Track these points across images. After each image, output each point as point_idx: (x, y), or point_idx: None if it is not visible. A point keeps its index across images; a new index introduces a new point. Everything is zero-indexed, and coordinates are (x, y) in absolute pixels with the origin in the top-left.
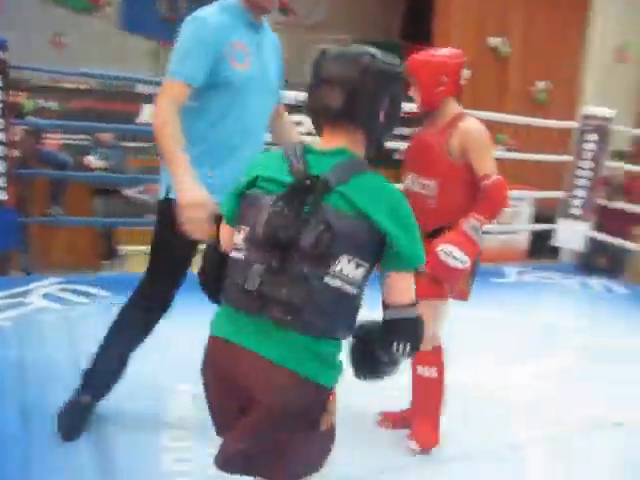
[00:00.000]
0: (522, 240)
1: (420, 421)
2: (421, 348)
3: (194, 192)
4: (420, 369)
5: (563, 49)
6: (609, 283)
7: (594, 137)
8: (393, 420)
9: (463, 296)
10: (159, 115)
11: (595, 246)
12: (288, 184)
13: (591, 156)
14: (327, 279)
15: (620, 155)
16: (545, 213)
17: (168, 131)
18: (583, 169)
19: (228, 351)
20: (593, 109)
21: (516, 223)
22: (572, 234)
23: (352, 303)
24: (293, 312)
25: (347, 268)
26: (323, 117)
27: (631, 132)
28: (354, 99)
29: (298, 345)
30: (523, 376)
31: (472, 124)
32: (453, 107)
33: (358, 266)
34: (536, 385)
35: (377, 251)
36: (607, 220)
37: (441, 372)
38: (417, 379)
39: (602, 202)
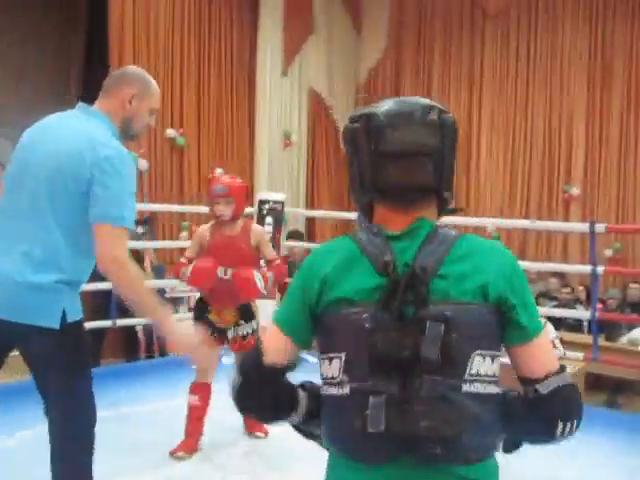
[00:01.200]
0: None
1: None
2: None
3: (191, 333)
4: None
5: (235, 138)
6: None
7: (270, 220)
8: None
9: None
10: (126, 269)
11: None
12: (381, 286)
13: (269, 238)
14: (465, 387)
15: (296, 235)
16: None
17: (142, 285)
18: None
19: None
20: (267, 194)
21: None
22: (262, 312)
23: (499, 402)
24: (442, 443)
25: (483, 366)
26: (402, 197)
27: (304, 213)
28: (441, 167)
29: None
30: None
31: (258, 226)
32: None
33: (493, 358)
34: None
35: (502, 329)
36: None
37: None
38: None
39: (286, 279)
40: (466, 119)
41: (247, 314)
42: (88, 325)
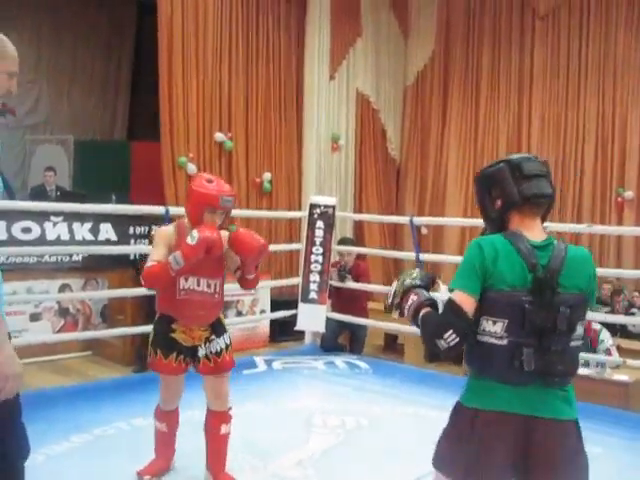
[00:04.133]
0: (263, 327)
1: (221, 470)
2: (222, 408)
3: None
4: (224, 428)
5: (283, 142)
6: (351, 360)
7: (321, 224)
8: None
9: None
10: None
11: (334, 326)
12: (531, 280)
13: (320, 242)
14: (572, 343)
15: (347, 242)
16: (278, 299)
17: None
18: (315, 255)
19: (518, 421)
20: (318, 198)
21: (257, 310)
22: (312, 317)
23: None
24: (563, 376)
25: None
26: (539, 203)
27: (353, 217)
28: (553, 187)
29: (569, 397)
30: (285, 467)
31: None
32: None
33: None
34: (297, 474)
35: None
36: (342, 300)
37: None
38: (221, 437)
39: (335, 284)
40: (516, 121)
41: (218, 328)
42: (140, 330)
